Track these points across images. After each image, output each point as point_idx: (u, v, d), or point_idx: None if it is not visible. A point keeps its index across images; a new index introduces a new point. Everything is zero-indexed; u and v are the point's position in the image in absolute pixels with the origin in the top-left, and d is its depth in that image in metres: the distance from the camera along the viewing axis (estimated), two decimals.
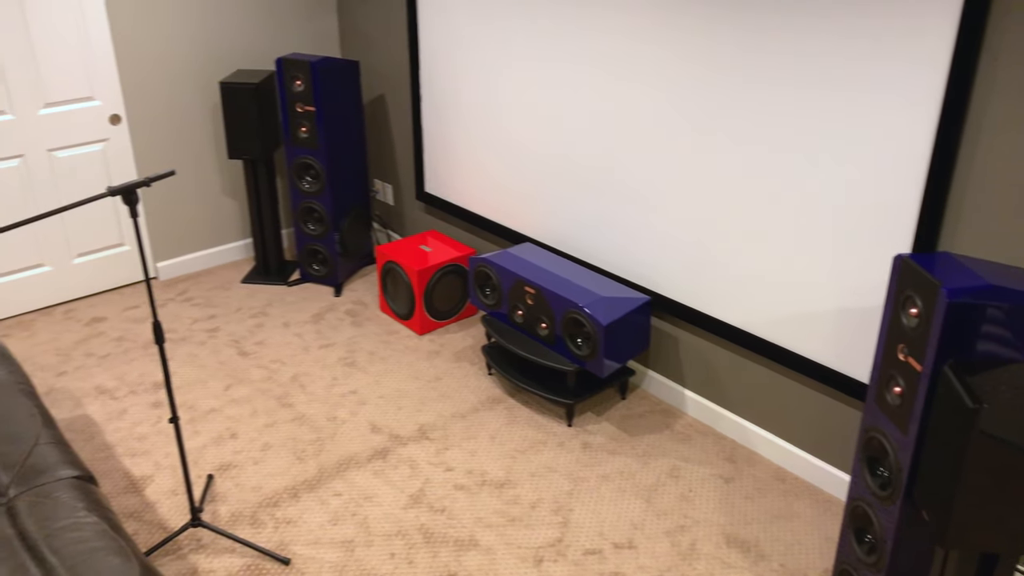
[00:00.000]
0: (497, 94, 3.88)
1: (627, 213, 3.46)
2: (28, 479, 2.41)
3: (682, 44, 3.04)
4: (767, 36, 2.77)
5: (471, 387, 3.72)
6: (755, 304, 3.11)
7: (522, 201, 3.95)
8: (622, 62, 3.26)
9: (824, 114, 2.69)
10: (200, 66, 4.49)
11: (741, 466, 3.24)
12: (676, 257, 3.33)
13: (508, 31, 3.70)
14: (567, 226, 3.76)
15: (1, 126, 3.98)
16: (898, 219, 2.60)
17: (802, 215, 2.86)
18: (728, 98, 2.95)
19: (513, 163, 3.93)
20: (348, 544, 2.84)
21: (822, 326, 2.91)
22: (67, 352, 3.98)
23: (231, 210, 4.86)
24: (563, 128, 3.61)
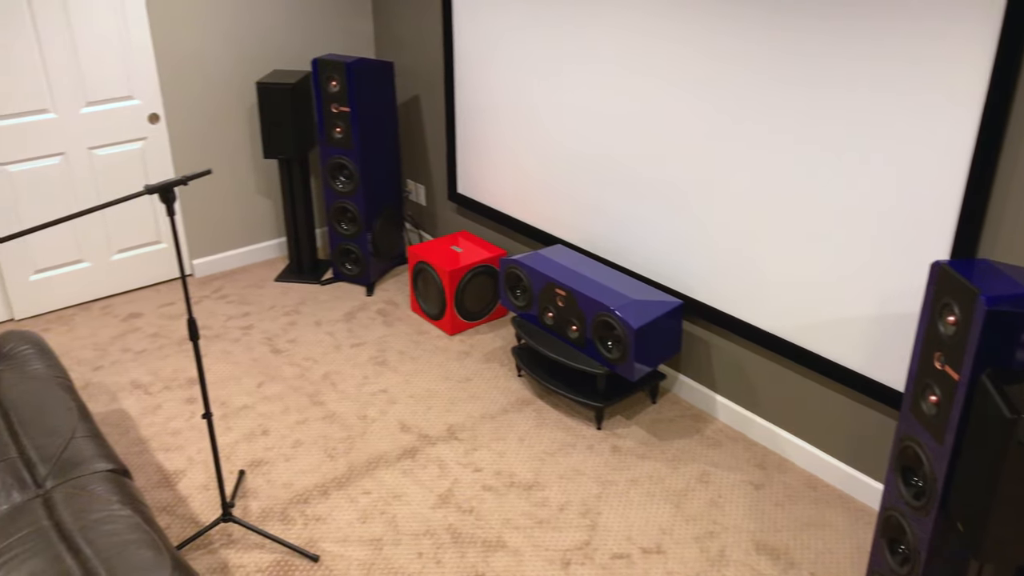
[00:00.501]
0: (530, 95, 3.88)
1: (660, 215, 3.44)
2: (65, 471, 2.46)
3: (718, 45, 3.02)
4: (804, 38, 2.74)
5: (500, 388, 3.73)
6: (788, 309, 3.08)
7: (554, 202, 3.95)
8: (656, 63, 3.25)
9: (861, 116, 2.66)
10: (237, 66, 4.54)
11: (772, 473, 3.21)
12: (709, 261, 3.31)
13: (542, 32, 3.70)
14: (599, 228, 3.75)
15: (44, 125, 4.07)
16: (936, 224, 2.56)
17: (838, 219, 2.82)
18: (763, 100, 2.93)
19: (545, 164, 3.92)
20: (376, 542, 2.86)
21: (856, 332, 2.88)
22: (104, 347, 4.05)
23: (266, 209, 4.91)
24: (596, 129, 3.60)
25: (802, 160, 2.87)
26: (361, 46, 4.95)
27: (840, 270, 2.87)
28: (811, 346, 3.04)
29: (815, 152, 2.82)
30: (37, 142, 4.07)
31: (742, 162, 3.06)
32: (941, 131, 2.47)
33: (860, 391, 2.92)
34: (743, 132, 3.02)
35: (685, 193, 3.31)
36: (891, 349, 2.79)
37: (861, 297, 2.83)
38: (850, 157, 2.72)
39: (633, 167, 3.49)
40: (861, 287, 2.82)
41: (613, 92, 3.47)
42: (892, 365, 2.80)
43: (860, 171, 2.71)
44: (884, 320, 2.78)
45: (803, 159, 2.86)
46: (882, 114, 2.60)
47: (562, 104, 3.73)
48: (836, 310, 2.92)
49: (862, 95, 2.64)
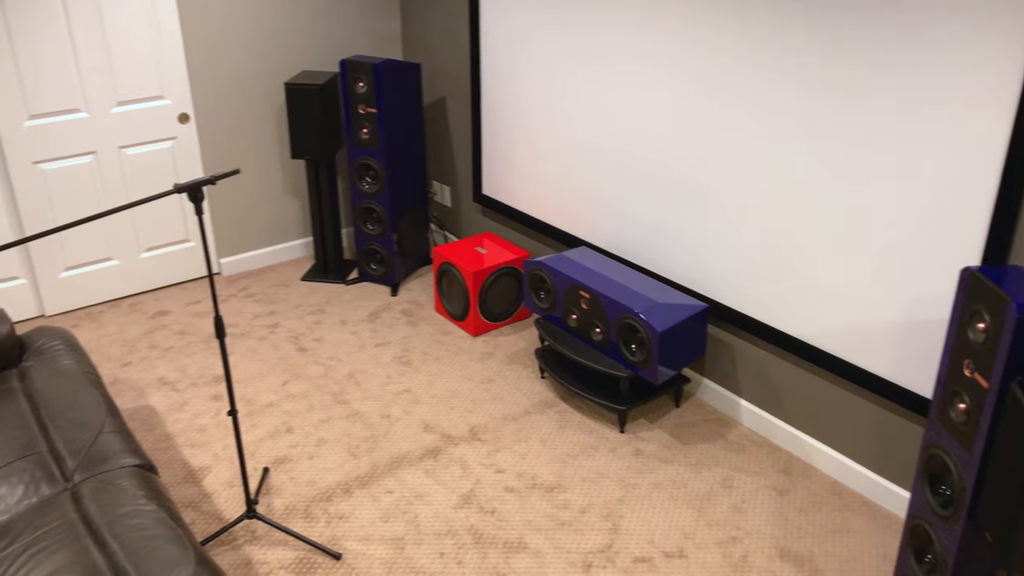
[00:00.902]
0: (557, 97, 3.87)
1: (686, 218, 3.43)
2: (92, 466, 2.49)
3: (748, 48, 3.00)
4: (838, 41, 2.72)
5: (523, 390, 3.73)
6: (815, 313, 3.05)
7: (579, 204, 3.94)
8: (683, 65, 3.24)
9: (892, 120, 2.63)
10: (266, 67, 4.58)
11: (796, 479, 3.18)
12: (736, 265, 3.29)
13: (570, 34, 3.70)
14: (624, 230, 3.74)
15: (76, 124, 4.13)
16: (967, 229, 2.53)
17: (867, 223, 2.79)
18: (793, 103, 2.90)
19: (571, 166, 3.92)
20: (398, 541, 2.87)
21: (884, 338, 2.85)
22: (132, 344, 4.10)
23: (293, 209, 4.95)
24: (622, 132, 3.59)
25: (831, 163, 2.84)
26: (389, 47, 4.97)
27: (868, 275, 2.84)
28: (837, 351, 3.01)
29: (845, 155, 2.79)
30: (69, 141, 4.13)
31: (770, 165, 3.04)
32: (973, 134, 2.44)
33: (887, 397, 2.89)
34: (771, 135, 3.00)
35: (711, 196, 3.29)
36: (919, 355, 2.76)
37: (889, 302, 2.80)
38: (880, 160, 2.70)
39: (659, 169, 3.48)
40: (890, 292, 2.79)
41: (639, 94, 3.46)
42: (920, 371, 2.77)
43: (890, 175, 2.68)
44: (912, 326, 2.75)
45: (832, 162, 2.84)
46: (914, 118, 2.57)
47: (588, 106, 3.72)
48: (864, 315, 2.89)
49: (894, 98, 2.61)
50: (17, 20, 3.82)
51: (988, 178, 2.44)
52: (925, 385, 2.77)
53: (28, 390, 2.82)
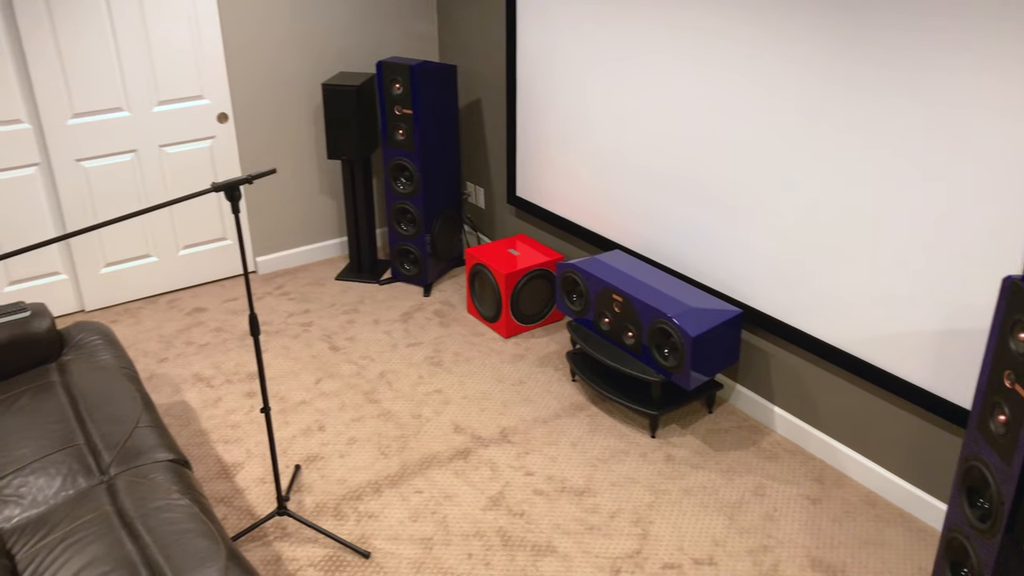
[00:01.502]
0: (593, 100, 3.86)
1: (721, 223, 3.40)
2: (128, 459, 2.53)
3: (785, 51, 2.96)
4: (878, 45, 2.68)
5: (554, 393, 3.72)
6: (852, 322, 3.00)
7: (613, 208, 3.92)
8: (721, 69, 3.21)
9: (933, 126, 2.58)
10: (304, 68, 4.63)
11: (830, 488, 3.14)
12: (771, 270, 3.25)
13: (605, 37, 3.69)
14: (658, 234, 3.72)
15: (118, 123, 4.20)
16: (1009, 237, 2.47)
17: (905, 230, 2.75)
18: (833, 109, 2.87)
19: (606, 169, 3.91)
20: (427, 541, 2.88)
21: (922, 347, 2.79)
22: (169, 340, 4.16)
23: (328, 209, 4.99)
24: (658, 135, 3.57)
25: (871, 169, 2.80)
26: (425, 48, 4.99)
27: (907, 282, 2.79)
28: (874, 359, 2.96)
29: (885, 162, 2.75)
30: (111, 139, 4.20)
31: (808, 170, 3.00)
32: (1015, 141, 2.39)
33: (924, 407, 2.84)
34: (810, 140, 2.97)
35: (748, 201, 3.26)
36: (958, 365, 2.70)
37: (928, 311, 2.75)
38: (921, 167, 2.65)
39: (694, 173, 3.45)
40: (929, 300, 2.74)
41: (675, 98, 3.43)
42: (958, 382, 2.72)
43: (931, 182, 2.63)
44: (951, 335, 2.70)
45: (871, 168, 2.79)
46: (958, 124, 2.52)
47: (623, 109, 3.70)
48: (901, 323, 2.84)
49: (935, 105, 2.56)
50: (62, 21, 3.90)
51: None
52: (964, 395, 2.71)
53: (67, 384, 2.87)
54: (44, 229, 4.21)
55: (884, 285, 2.86)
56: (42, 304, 3.12)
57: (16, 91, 3.93)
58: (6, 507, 2.35)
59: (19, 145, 4.02)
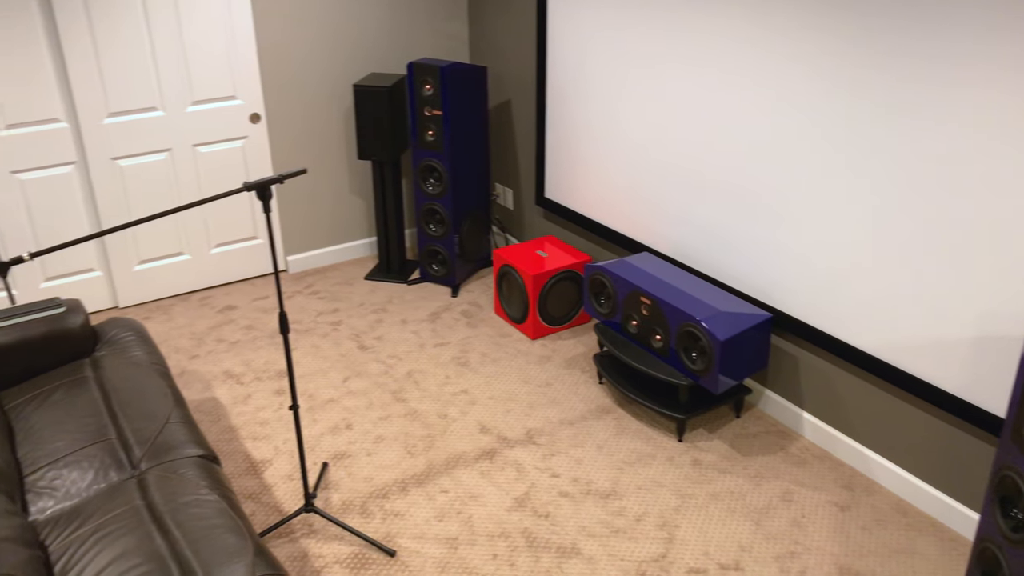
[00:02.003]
0: (623, 102, 3.85)
1: (752, 227, 3.37)
2: (158, 454, 2.56)
3: (819, 54, 2.94)
4: (913, 42, 2.65)
5: (581, 395, 3.71)
6: (883, 326, 2.97)
7: (642, 210, 3.91)
8: (754, 72, 3.19)
9: (968, 131, 2.55)
10: (336, 69, 4.66)
11: (859, 495, 3.10)
12: (802, 275, 3.22)
13: (636, 40, 3.68)
14: (688, 237, 3.70)
15: (153, 122, 4.26)
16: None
17: (941, 235, 2.71)
18: (866, 110, 2.83)
19: (635, 172, 3.89)
20: (452, 541, 2.88)
21: (956, 353, 2.75)
22: (200, 337, 4.21)
23: (358, 209, 5.02)
24: (688, 138, 3.55)
25: (906, 173, 2.76)
26: (456, 49, 5.01)
27: (941, 288, 2.75)
28: (905, 366, 2.92)
29: (920, 166, 2.72)
30: (146, 138, 4.27)
31: (843, 174, 2.97)
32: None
33: (957, 415, 2.79)
34: (842, 143, 2.94)
35: (778, 204, 3.23)
36: (993, 373, 2.66)
37: (962, 317, 2.71)
38: (957, 172, 2.61)
39: (725, 176, 3.43)
40: (963, 307, 2.70)
41: (706, 101, 3.41)
42: (993, 389, 2.67)
43: (967, 187, 2.60)
44: (987, 342, 2.66)
45: (907, 172, 2.76)
46: (995, 129, 2.49)
47: (654, 112, 3.69)
48: (935, 330, 2.80)
49: (969, 111, 2.53)
50: (100, 22, 3.96)
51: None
52: (998, 404, 2.67)
53: (100, 379, 2.92)
54: (80, 226, 4.28)
55: (918, 291, 2.82)
56: (77, 300, 3.18)
57: (55, 91, 4.00)
58: (40, 499, 2.40)
59: (57, 144, 4.09)
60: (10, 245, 4.13)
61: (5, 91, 3.89)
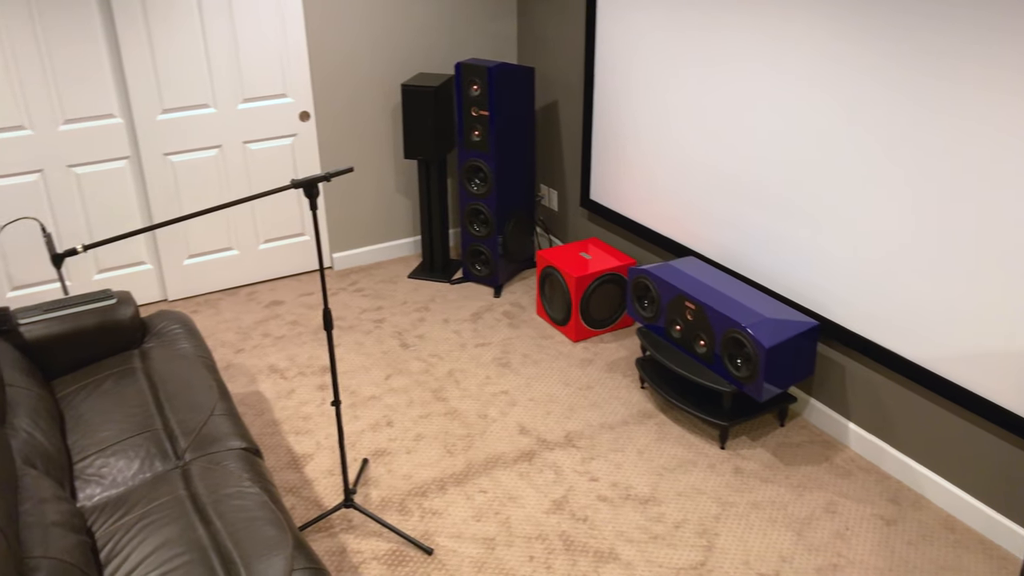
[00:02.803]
0: (671, 105, 3.82)
1: (800, 233, 3.32)
2: (203, 446, 2.60)
3: (871, 59, 2.88)
4: (968, 45, 2.58)
5: (622, 399, 3.69)
6: (936, 338, 2.90)
7: (688, 214, 3.87)
8: (805, 77, 3.13)
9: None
10: (384, 68, 4.69)
11: (906, 509, 3.03)
12: (851, 282, 3.16)
13: (686, 42, 3.64)
14: (734, 242, 3.65)
15: (205, 119, 4.33)
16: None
17: (999, 243, 2.63)
18: (924, 116, 2.77)
19: (682, 175, 3.86)
20: (489, 541, 2.88)
21: (1011, 366, 2.68)
22: (246, 331, 4.27)
23: (403, 208, 5.05)
24: (737, 143, 3.51)
25: (960, 180, 2.69)
26: (504, 50, 5.01)
27: (996, 298, 2.68)
28: (958, 379, 2.85)
29: (976, 172, 2.65)
30: (198, 135, 4.34)
31: (898, 181, 2.91)
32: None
33: (1011, 430, 2.71)
34: (896, 151, 2.87)
35: (830, 210, 3.17)
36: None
37: (1018, 328, 2.63)
38: (1013, 177, 2.54)
39: (775, 182, 3.38)
40: (1019, 317, 2.62)
41: (754, 105, 3.37)
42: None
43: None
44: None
45: (961, 178, 2.69)
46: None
47: (702, 115, 3.65)
48: (990, 342, 2.73)
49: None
50: (156, 20, 4.04)
51: None
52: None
53: (148, 370, 2.97)
54: (132, 220, 4.37)
55: (973, 301, 2.75)
56: (128, 292, 3.24)
57: (111, 87, 4.09)
58: (88, 486, 2.45)
59: (112, 139, 4.18)
60: (65, 237, 4.23)
61: (64, 87, 3.98)
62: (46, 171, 4.09)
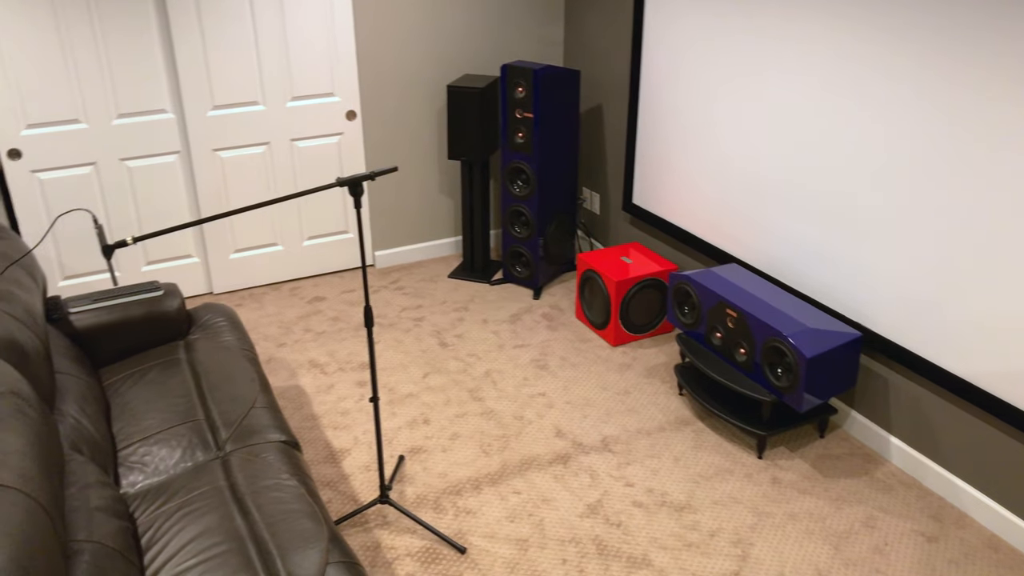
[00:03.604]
0: (717, 111, 3.79)
1: (845, 242, 3.27)
2: (243, 437, 2.64)
3: (925, 69, 2.83)
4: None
5: (659, 405, 3.66)
6: (983, 353, 2.83)
7: (732, 220, 3.84)
8: (854, 85, 3.09)
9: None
10: (431, 69, 4.72)
11: (948, 527, 2.97)
12: (898, 294, 3.10)
13: (732, 49, 3.61)
14: (778, 250, 3.61)
15: (254, 116, 4.40)
16: None
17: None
18: (978, 128, 2.71)
19: (726, 181, 3.82)
20: (523, 543, 2.88)
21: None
22: (289, 326, 4.33)
23: (446, 208, 5.08)
24: (782, 150, 3.47)
25: (1013, 193, 2.63)
26: (551, 52, 5.02)
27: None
28: (1008, 396, 2.79)
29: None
30: (247, 131, 4.41)
31: (945, 192, 2.85)
32: None
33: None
34: (949, 162, 2.82)
35: (877, 220, 3.12)
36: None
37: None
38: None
39: (820, 190, 3.34)
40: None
41: (803, 111, 3.33)
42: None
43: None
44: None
45: (1014, 191, 2.63)
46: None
47: (748, 122, 3.62)
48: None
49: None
50: (209, 18, 4.11)
51: None
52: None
53: (192, 361, 3.03)
54: (180, 214, 4.46)
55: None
56: (174, 284, 3.31)
57: (164, 83, 4.17)
58: (131, 473, 2.50)
59: (163, 133, 4.27)
60: (115, 229, 4.33)
61: (119, 83, 4.07)
62: (99, 164, 4.19)
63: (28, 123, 3.97)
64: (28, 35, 3.84)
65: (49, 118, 4.01)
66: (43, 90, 3.95)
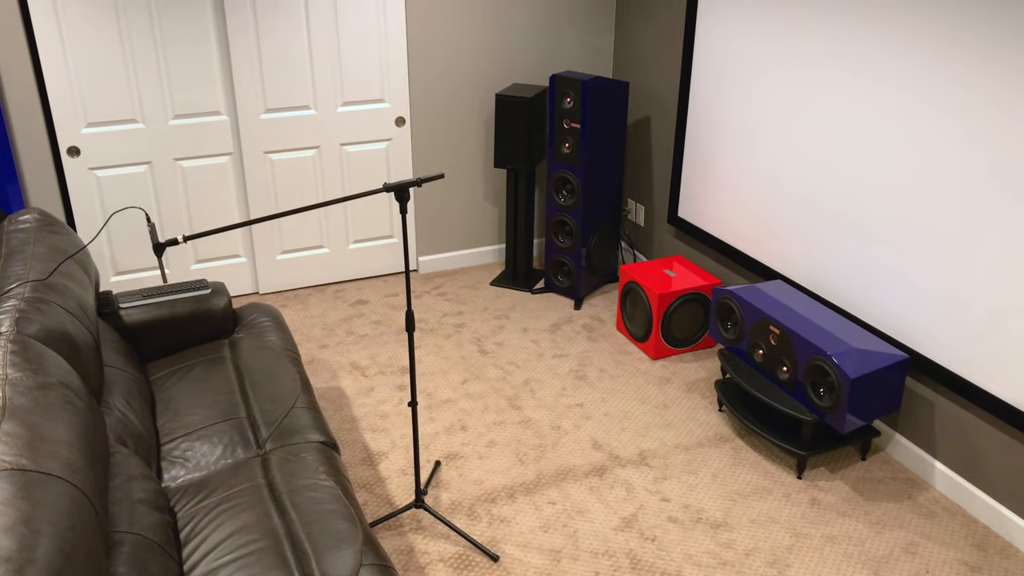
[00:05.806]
0: (767, 126, 3.76)
1: (893, 262, 3.22)
2: (283, 437, 2.68)
3: (985, 79, 2.77)
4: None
5: (698, 420, 3.63)
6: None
7: (778, 236, 3.80)
8: (902, 105, 3.04)
9: None
10: (480, 78, 4.76)
11: (992, 557, 2.89)
12: (947, 318, 3.04)
13: (785, 63, 3.58)
14: (824, 268, 3.56)
15: (306, 120, 4.47)
16: None
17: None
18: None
19: (773, 197, 3.78)
20: (555, 553, 2.88)
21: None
22: (332, 328, 4.38)
23: (490, 216, 5.10)
24: (832, 166, 3.43)
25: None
26: (600, 63, 5.02)
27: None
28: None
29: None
30: (297, 135, 4.48)
31: (1000, 215, 2.79)
32: None
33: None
34: (1005, 185, 2.76)
35: (929, 241, 3.07)
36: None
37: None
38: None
39: (870, 209, 3.28)
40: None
41: (854, 128, 3.28)
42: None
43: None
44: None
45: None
46: None
47: (797, 138, 3.58)
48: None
49: None
50: (264, 25, 4.19)
51: None
52: None
53: (236, 359, 3.08)
54: (230, 214, 4.54)
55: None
56: (222, 283, 3.37)
57: (219, 86, 4.26)
58: (173, 467, 2.55)
59: (217, 135, 4.36)
60: (167, 227, 4.43)
61: (176, 84, 4.17)
62: (154, 163, 4.29)
63: (88, 122, 4.09)
64: (92, 38, 3.95)
65: (108, 117, 4.12)
66: (103, 91, 4.06)
